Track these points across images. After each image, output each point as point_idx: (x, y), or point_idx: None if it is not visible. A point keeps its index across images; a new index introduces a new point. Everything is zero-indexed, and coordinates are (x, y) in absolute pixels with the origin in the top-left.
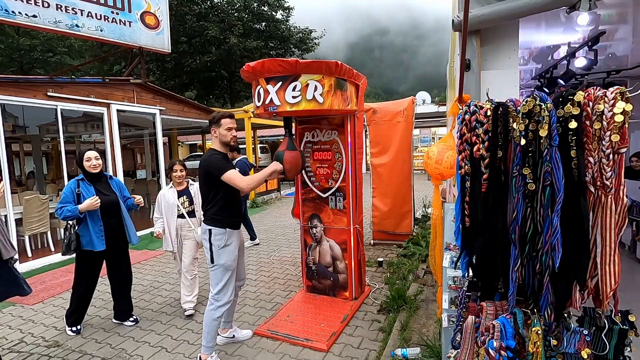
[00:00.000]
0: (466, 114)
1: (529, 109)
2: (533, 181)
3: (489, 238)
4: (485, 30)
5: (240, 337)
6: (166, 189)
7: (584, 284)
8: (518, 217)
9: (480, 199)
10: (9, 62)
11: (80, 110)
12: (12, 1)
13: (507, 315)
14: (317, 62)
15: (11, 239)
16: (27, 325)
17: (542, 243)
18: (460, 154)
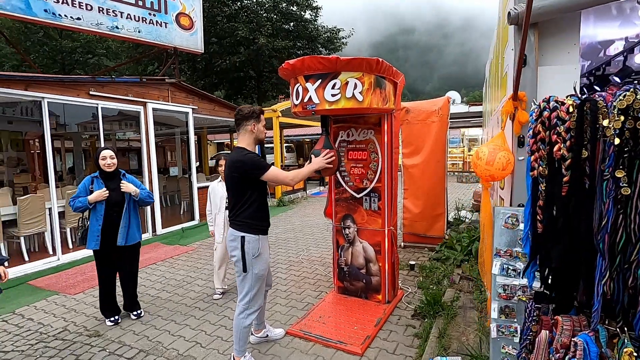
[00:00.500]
0: (544, 110)
1: (627, 104)
2: (628, 185)
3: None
4: (544, 23)
5: (273, 336)
6: (215, 183)
7: None
8: (608, 224)
9: (560, 203)
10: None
11: (119, 108)
12: (59, 5)
13: (590, 332)
14: (358, 59)
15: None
16: (70, 314)
17: (637, 254)
18: (532, 154)
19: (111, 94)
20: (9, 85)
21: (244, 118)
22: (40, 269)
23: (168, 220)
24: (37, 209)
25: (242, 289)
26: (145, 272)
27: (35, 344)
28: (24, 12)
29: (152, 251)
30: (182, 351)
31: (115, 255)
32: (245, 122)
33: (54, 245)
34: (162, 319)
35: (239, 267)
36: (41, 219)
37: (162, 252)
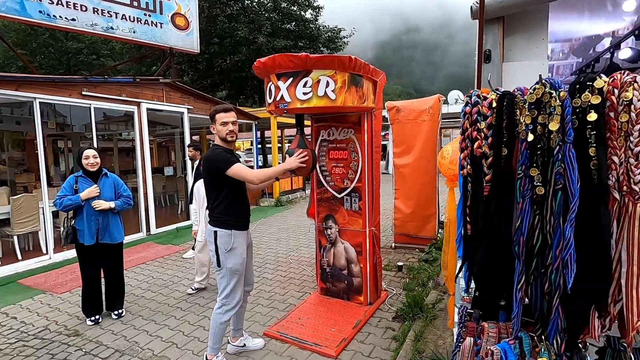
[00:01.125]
0: (467, 105)
1: (537, 98)
2: (542, 184)
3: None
4: (510, 17)
5: (251, 346)
6: (201, 182)
7: (603, 309)
8: (524, 226)
9: (482, 204)
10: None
11: (112, 108)
12: (54, 6)
13: (510, 340)
14: (329, 57)
15: None
16: (54, 313)
17: (551, 258)
18: (462, 152)
19: (104, 94)
20: (0, 85)
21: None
22: (32, 267)
23: (163, 219)
24: (31, 208)
25: (220, 284)
26: (133, 271)
27: (14, 343)
28: (18, 13)
29: (143, 250)
30: (157, 352)
31: (96, 254)
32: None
33: (47, 244)
34: (142, 319)
35: (214, 262)
36: (34, 218)
37: (153, 252)
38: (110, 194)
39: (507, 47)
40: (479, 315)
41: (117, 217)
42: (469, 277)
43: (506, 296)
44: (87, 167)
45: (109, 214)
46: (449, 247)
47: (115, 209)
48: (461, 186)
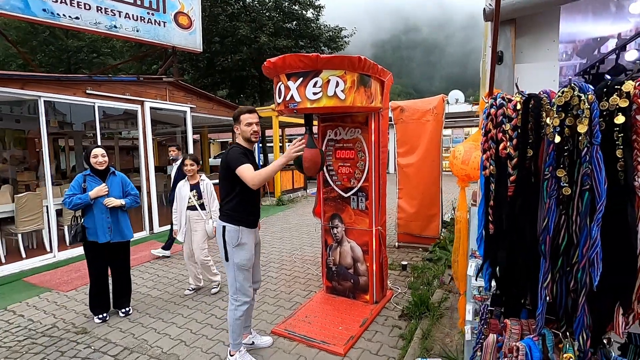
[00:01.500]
0: (492, 107)
1: (565, 101)
2: (569, 185)
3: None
4: (522, 19)
5: (260, 344)
6: (183, 182)
7: (628, 307)
8: (550, 225)
9: (506, 204)
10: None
11: (116, 107)
12: (57, 4)
13: (534, 337)
14: (339, 57)
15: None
16: (60, 311)
17: (578, 257)
18: (484, 152)
19: (108, 93)
20: (6, 83)
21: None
22: (36, 265)
23: (166, 218)
24: (35, 206)
25: (229, 280)
26: (138, 270)
27: (22, 340)
28: (22, 11)
29: (147, 249)
30: (166, 349)
31: (106, 252)
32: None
33: (51, 242)
34: (149, 317)
35: (222, 256)
36: (39, 216)
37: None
38: (118, 192)
39: (519, 49)
40: (500, 313)
41: (126, 215)
42: (490, 276)
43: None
44: (96, 165)
45: (118, 212)
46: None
47: (125, 207)
48: (483, 186)
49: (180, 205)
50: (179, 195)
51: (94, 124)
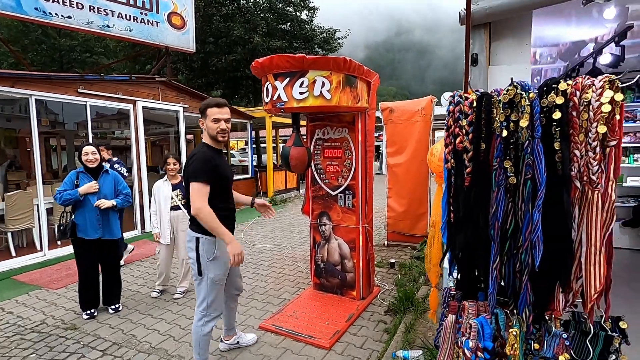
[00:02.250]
0: (451, 104)
1: (510, 98)
2: (514, 175)
3: (470, 234)
4: (496, 23)
5: (244, 342)
6: (161, 182)
7: (567, 285)
8: (498, 212)
9: (462, 194)
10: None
11: (108, 106)
12: (50, 3)
13: (487, 316)
14: (325, 58)
15: None
16: (50, 308)
17: (522, 240)
18: (447, 147)
19: (100, 92)
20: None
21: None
22: (26, 264)
23: None
24: (25, 205)
25: (199, 294)
26: (129, 267)
27: (11, 336)
28: (13, 9)
29: (138, 248)
30: (154, 344)
31: (95, 249)
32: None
33: (41, 241)
34: (139, 313)
35: (194, 270)
36: (29, 215)
37: (148, 249)
38: (110, 190)
39: (493, 51)
40: (460, 296)
41: (116, 214)
42: (452, 261)
43: (484, 277)
44: (87, 163)
45: (109, 211)
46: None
47: (116, 207)
48: (446, 178)
49: (161, 207)
50: (159, 196)
51: (85, 124)
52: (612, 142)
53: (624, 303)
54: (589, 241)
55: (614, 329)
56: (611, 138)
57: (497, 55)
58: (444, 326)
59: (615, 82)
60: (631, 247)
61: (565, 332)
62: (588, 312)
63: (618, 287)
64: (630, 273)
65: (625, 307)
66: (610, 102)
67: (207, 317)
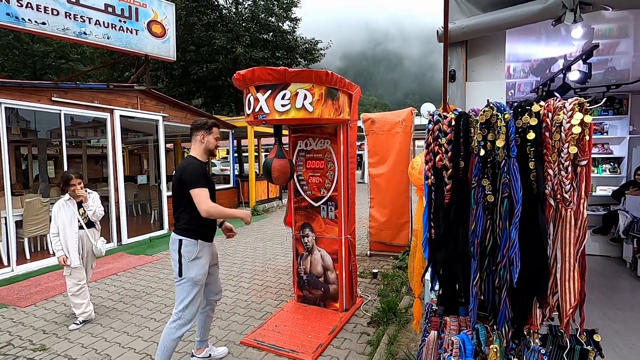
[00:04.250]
0: (430, 122)
1: (486, 119)
2: (492, 193)
3: (451, 250)
4: (472, 41)
5: (216, 355)
6: (62, 202)
7: (544, 301)
8: (477, 229)
9: (442, 211)
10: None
11: (83, 115)
12: (23, 9)
13: (468, 331)
14: (307, 71)
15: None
16: (17, 328)
17: (500, 257)
18: (427, 164)
19: (75, 100)
20: None
21: (195, 128)
22: None
23: (135, 229)
24: None
25: (178, 295)
26: (104, 282)
27: None
28: None
29: (114, 261)
30: None
31: None
32: (195, 132)
33: (9, 255)
34: (114, 331)
35: (175, 272)
36: None
37: (125, 263)
38: None
39: (470, 68)
40: (442, 311)
41: None
42: (433, 277)
43: (464, 293)
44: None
45: None
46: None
47: None
48: (426, 195)
49: (60, 229)
50: (59, 215)
51: (60, 132)
52: (583, 161)
53: (597, 309)
54: (564, 257)
55: (589, 342)
56: (582, 158)
57: (474, 71)
58: (426, 342)
59: (584, 105)
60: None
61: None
62: (564, 326)
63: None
64: (601, 279)
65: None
66: (580, 124)
67: (182, 319)
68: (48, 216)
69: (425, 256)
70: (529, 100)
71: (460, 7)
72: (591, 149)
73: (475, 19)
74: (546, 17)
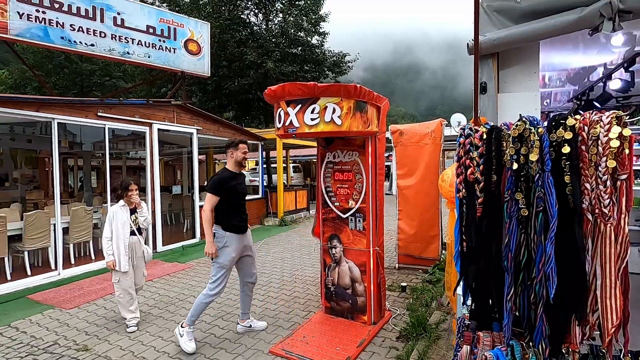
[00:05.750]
0: (461, 136)
1: (519, 133)
2: (526, 206)
3: (483, 264)
4: (504, 52)
5: (256, 327)
6: (117, 207)
7: (582, 318)
8: (511, 243)
9: (474, 224)
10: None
11: (125, 129)
12: (75, 32)
13: (502, 348)
14: (336, 86)
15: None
16: (62, 329)
17: (535, 272)
18: (457, 177)
19: (119, 115)
20: (22, 107)
21: (227, 146)
22: (41, 283)
23: (169, 237)
24: (42, 224)
25: (211, 272)
26: None
27: (24, 357)
28: (42, 39)
29: (150, 268)
30: None
31: None
32: (227, 149)
33: (56, 260)
34: (149, 335)
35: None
36: (46, 234)
37: (159, 269)
38: None
39: (502, 80)
40: (475, 326)
41: None
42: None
43: (498, 308)
44: None
45: None
46: (451, 267)
47: None
48: (458, 208)
49: (113, 233)
50: (115, 220)
51: (103, 145)
52: (622, 175)
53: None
54: (604, 274)
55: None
56: (621, 172)
57: (506, 83)
58: (458, 357)
59: (622, 118)
60: None
61: None
62: (606, 346)
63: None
64: None
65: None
66: (618, 137)
67: (211, 291)
68: (91, 223)
69: (457, 270)
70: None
71: (490, 19)
72: (632, 163)
73: (507, 30)
74: (583, 27)
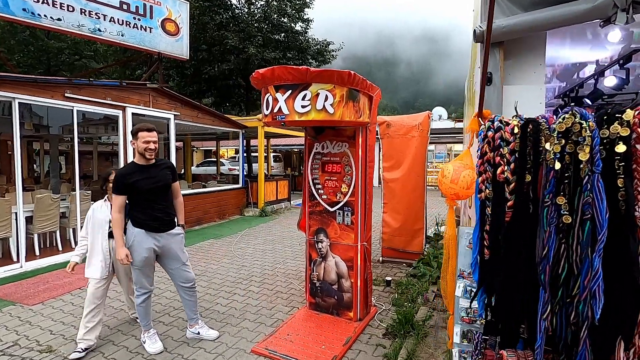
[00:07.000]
0: (489, 130)
1: (566, 128)
2: (569, 213)
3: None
4: (510, 42)
5: (204, 336)
6: (100, 202)
7: (629, 341)
8: (549, 254)
9: (503, 230)
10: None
11: (96, 112)
12: (39, 5)
13: None
14: (329, 71)
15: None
16: (24, 327)
17: (579, 288)
18: (480, 175)
19: (88, 97)
20: None
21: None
22: (1, 276)
23: None
24: (2, 212)
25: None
26: None
27: None
28: (0, 10)
29: None
30: None
31: None
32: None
33: (19, 252)
34: (122, 334)
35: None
36: (6, 223)
37: None
38: None
39: (507, 71)
40: (494, 342)
41: None
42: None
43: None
44: None
45: None
46: (448, 265)
47: None
48: (478, 210)
49: (95, 233)
50: (93, 217)
51: (71, 128)
52: None
53: None
54: None
55: None
56: None
57: (510, 74)
58: None
59: None
60: None
61: None
62: None
63: None
64: None
65: None
66: None
67: (137, 291)
68: (58, 212)
69: (475, 279)
70: (617, 107)
71: (499, 6)
72: None
73: (516, 18)
74: (595, 18)
